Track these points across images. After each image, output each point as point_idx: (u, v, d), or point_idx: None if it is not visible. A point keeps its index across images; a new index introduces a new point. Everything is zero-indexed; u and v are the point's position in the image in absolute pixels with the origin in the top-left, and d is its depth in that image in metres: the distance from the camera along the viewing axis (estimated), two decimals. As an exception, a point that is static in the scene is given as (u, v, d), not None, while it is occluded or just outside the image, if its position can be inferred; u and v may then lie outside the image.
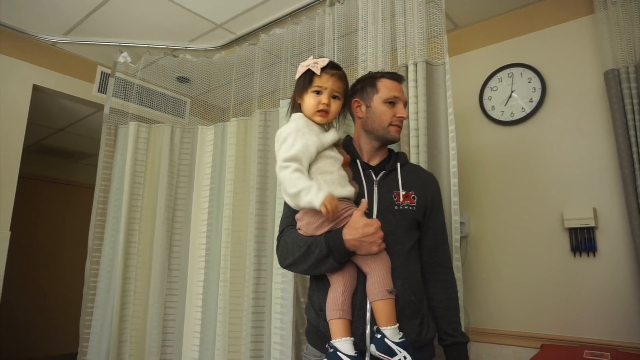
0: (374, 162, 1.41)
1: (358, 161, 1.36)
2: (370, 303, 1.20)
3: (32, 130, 3.89)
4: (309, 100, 1.25)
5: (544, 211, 2.16)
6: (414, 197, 1.32)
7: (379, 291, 1.17)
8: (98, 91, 3.01)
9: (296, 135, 1.21)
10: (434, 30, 1.83)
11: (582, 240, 2.02)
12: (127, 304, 2.31)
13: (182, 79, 3.09)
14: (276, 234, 2.03)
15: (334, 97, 1.27)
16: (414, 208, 1.31)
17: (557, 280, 2.08)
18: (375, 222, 1.19)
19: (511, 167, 2.30)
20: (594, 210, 2.01)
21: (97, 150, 2.54)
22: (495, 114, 2.39)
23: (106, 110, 2.60)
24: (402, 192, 1.31)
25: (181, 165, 2.47)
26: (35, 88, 2.77)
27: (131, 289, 2.33)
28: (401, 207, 1.30)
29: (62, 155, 4.83)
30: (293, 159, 1.18)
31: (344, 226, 1.19)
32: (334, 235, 1.19)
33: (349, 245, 1.17)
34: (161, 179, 2.42)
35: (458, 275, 1.56)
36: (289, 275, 1.90)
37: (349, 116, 1.50)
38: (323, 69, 1.25)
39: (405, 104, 1.44)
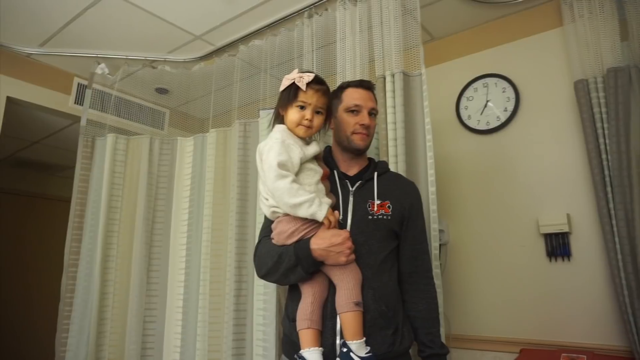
0: (351, 172, 1.40)
1: (335, 172, 1.37)
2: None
3: (6, 142, 3.79)
4: (293, 114, 1.26)
5: (520, 217, 2.21)
6: (389, 207, 1.31)
7: (346, 303, 1.17)
8: (75, 103, 2.97)
9: (282, 146, 1.22)
10: (410, 41, 1.87)
11: (557, 246, 2.07)
12: (104, 320, 2.25)
13: (161, 90, 3.07)
14: (257, 245, 2.03)
15: (317, 112, 1.28)
16: (389, 217, 1.30)
17: (534, 285, 2.12)
18: (343, 233, 1.20)
19: (488, 174, 2.35)
20: (568, 216, 2.07)
21: (74, 162, 2.50)
22: (471, 123, 2.44)
23: (83, 122, 2.56)
24: (376, 202, 1.31)
25: (160, 177, 2.44)
26: (10, 100, 2.71)
27: (109, 304, 2.27)
28: (375, 217, 1.29)
29: (37, 168, 4.72)
30: (285, 167, 1.20)
31: (313, 236, 1.21)
32: (302, 244, 1.21)
33: (316, 254, 1.18)
34: (140, 191, 2.38)
35: (438, 282, 1.57)
36: (271, 286, 1.89)
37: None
38: (308, 84, 1.25)
39: (372, 110, 1.39)
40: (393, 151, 1.73)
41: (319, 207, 1.18)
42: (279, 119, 1.32)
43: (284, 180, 1.18)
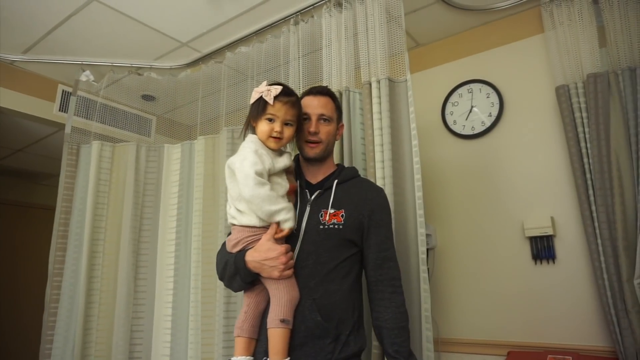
0: (314, 181, 1.39)
1: (298, 181, 1.38)
2: None
3: (-11, 151, 3.75)
4: (262, 127, 1.28)
5: (506, 221, 2.24)
6: (342, 216, 1.28)
7: (273, 319, 1.19)
8: (59, 110, 2.93)
9: (255, 155, 1.23)
10: (395, 48, 1.89)
11: (542, 249, 2.11)
12: (90, 330, 2.22)
13: (148, 97, 3.06)
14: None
15: (287, 124, 1.29)
16: (341, 227, 1.27)
17: (520, 288, 2.14)
18: (279, 248, 1.19)
19: (474, 179, 2.38)
20: (552, 219, 2.10)
21: (58, 170, 2.47)
22: (457, 128, 2.47)
23: (67, 130, 2.53)
24: (329, 211, 1.29)
25: (147, 185, 2.43)
26: (-8, 108, 2.67)
27: (95, 314, 2.24)
28: (326, 227, 1.27)
29: (21, 176, 4.64)
30: (262, 175, 1.21)
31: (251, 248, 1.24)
32: (241, 255, 1.24)
33: (250, 266, 1.21)
34: (126, 199, 2.36)
35: (425, 287, 1.59)
36: (259, 292, 1.88)
37: None
38: (276, 97, 1.26)
39: (321, 116, 1.36)
40: (379, 157, 1.74)
41: (292, 219, 1.24)
42: (250, 129, 1.33)
43: (263, 187, 1.20)
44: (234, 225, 1.29)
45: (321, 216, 1.29)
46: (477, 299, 2.25)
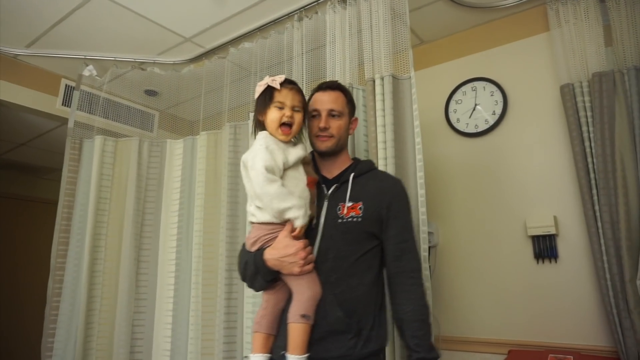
0: (330, 175, 1.39)
1: None
2: None
3: (-8, 144, 3.75)
4: (273, 115, 1.27)
5: (508, 220, 2.24)
6: (360, 208, 1.28)
7: (293, 314, 1.19)
8: (62, 104, 2.93)
9: (266, 151, 1.22)
10: (399, 45, 1.88)
11: (545, 248, 2.10)
12: (92, 324, 2.23)
13: (151, 92, 3.05)
14: (247, 247, 2.03)
15: (295, 110, 1.29)
16: (360, 220, 1.26)
17: (522, 286, 2.14)
18: (297, 244, 1.19)
19: (476, 177, 2.37)
20: (555, 218, 2.10)
21: (61, 165, 2.47)
22: (460, 126, 2.47)
23: (70, 124, 2.54)
24: (347, 205, 1.28)
25: (149, 179, 2.43)
26: (-5, 101, 2.68)
27: (97, 308, 2.25)
28: (345, 220, 1.27)
29: (23, 170, 4.65)
30: (273, 171, 1.21)
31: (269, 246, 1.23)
32: (260, 254, 1.23)
33: (270, 264, 1.21)
34: (128, 194, 2.37)
35: (427, 284, 1.58)
36: (260, 289, 1.88)
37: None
38: (282, 84, 1.28)
39: (331, 112, 1.36)
40: (382, 154, 1.74)
41: (303, 215, 1.20)
42: (259, 126, 1.33)
43: (273, 184, 1.19)
44: (253, 223, 1.28)
45: (339, 210, 1.28)
46: (479, 297, 2.25)
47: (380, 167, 1.73)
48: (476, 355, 2.18)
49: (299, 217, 1.20)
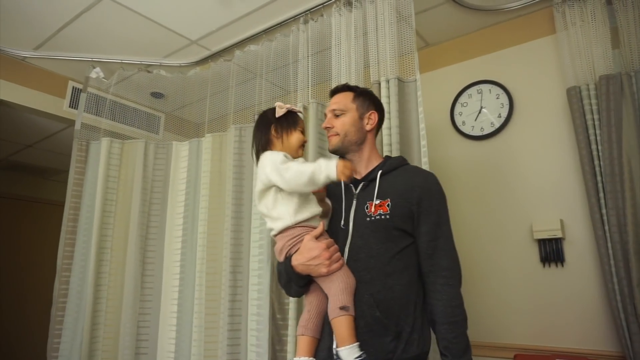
0: (359, 175, 1.38)
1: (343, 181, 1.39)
2: None
3: (0, 146, 3.78)
4: (297, 136, 1.36)
5: (514, 223, 2.22)
6: (388, 205, 1.25)
7: (332, 310, 1.18)
8: (69, 107, 2.96)
9: (280, 153, 1.29)
10: (405, 47, 1.88)
11: (551, 251, 2.09)
12: (98, 325, 2.24)
13: (157, 95, 3.07)
14: (252, 250, 2.04)
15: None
16: (388, 216, 1.24)
17: (528, 290, 2.13)
18: (320, 245, 1.20)
19: (482, 180, 2.36)
20: (561, 221, 2.08)
21: (68, 166, 2.49)
22: (465, 129, 2.46)
23: (77, 126, 2.55)
24: (375, 202, 1.27)
25: (155, 182, 2.44)
26: (3, 103, 2.70)
27: (102, 309, 2.26)
28: (373, 218, 1.25)
29: (30, 171, 4.69)
30: (288, 160, 1.27)
31: (297, 251, 1.24)
32: (287, 261, 1.26)
33: (298, 270, 1.22)
34: (134, 196, 2.38)
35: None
36: (265, 291, 1.89)
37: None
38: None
39: (334, 112, 1.40)
40: (388, 156, 1.73)
41: (327, 168, 1.21)
42: (269, 144, 1.36)
43: (289, 170, 1.22)
44: (276, 236, 1.31)
45: (367, 208, 1.28)
46: (484, 300, 2.24)
47: (386, 170, 1.72)
48: (481, 359, 2.16)
49: (328, 175, 1.20)
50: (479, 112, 2.43)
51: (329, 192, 1.40)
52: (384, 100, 1.81)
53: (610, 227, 1.83)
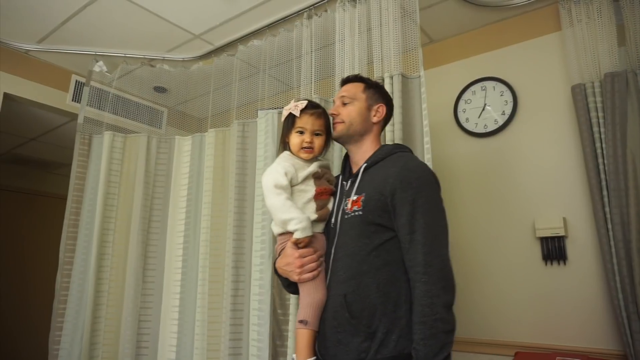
0: (355, 169, 1.39)
1: (341, 177, 1.42)
2: None
3: (3, 139, 3.79)
4: (294, 140, 1.38)
5: (517, 221, 2.22)
6: (362, 200, 1.21)
7: (296, 321, 1.26)
8: (72, 100, 2.96)
9: (277, 171, 1.33)
10: (409, 43, 1.87)
11: (553, 249, 2.08)
12: (99, 318, 2.24)
13: (160, 89, 3.07)
14: (254, 245, 2.04)
15: (316, 134, 1.39)
16: (361, 212, 1.20)
17: (530, 288, 2.12)
18: (294, 253, 1.25)
19: (485, 177, 2.36)
20: (564, 219, 2.08)
21: (70, 160, 2.49)
22: (469, 126, 2.45)
23: (80, 120, 2.55)
24: (352, 198, 1.25)
25: (157, 176, 2.44)
26: (7, 97, 2.70)
27: (104, 302, 2.27)
28: (349, 215, 1.24)
29: (33, 165, 4.70)
30: (281, 187, 1.30)
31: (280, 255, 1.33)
32: (274, 263, 1.36)
33: (280, 272, 1.31)
34: (136, 190, 2.38)
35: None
36: (266, 287, 1.89)
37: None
38: (302, 111, 1.37)
39: (341, 100, 1.43)
40: (391, 153, 1.73)
41: (303, 229, 1.25)
42: (285, 146, 1.43)
43: (278, 197, 1.28)
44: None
45: (346, 206, 1.27)
46: (486, 298, 2.24)
47: (389, 166, 1.72)
48: (483, 356, 2.16)
49: (297, 229, 1.25)
50: (483, 109, 2.42)
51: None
52: (387, 96, 1.80)
53: (613, 226, 1.82)
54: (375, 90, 1.42)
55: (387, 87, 1.81)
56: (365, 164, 1.31)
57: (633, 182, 1.79)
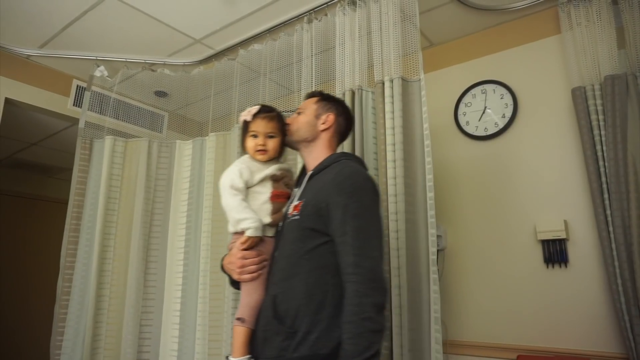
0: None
1: (296, 183, 1.47)
2: None
3: (4, 144, 3.79)
4: (249, 143, 1.44)
5: (518, 224, 2.22)
6: (302, 205, 1.26)
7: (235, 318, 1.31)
8: (73, 105, 2.96)
9: (234, 173, 1.38)
10: (409, 47, 1.88)
11: (555, 252, 2.08)
12: (100, 322, 2.25)
13: (160, 93, 3.08)
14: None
15: (270, 136, 1.42)
16: (298, 217, 1.25)
17: (532, 291, 2.12)
18: (237, 253, 1.31)
19: (486, 180, 2.36)
20: (565, 222, 2.07)
21: (72, 164, 2.49)
22: (469, 129, 2.45)
23: (81, 124, 2.56)
24: (293, 204, 1.31)
25: (158, 180, 2.44)
26: (8, 101, 2.70)
27: (105, 307, 2.27)
28: (289, 219, 1.29)
29: (34, 169, 4.70)
30: (236, 188, 1.36)
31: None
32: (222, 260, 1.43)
33: (225, 269, 1.38)
34: (137, 194, 2.38)
35: (435, 288, 1.58)
36: (268, 290, 1.89)
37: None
38: (255, 115, 1.42)
39: (297, 111, 1.49)
40: (391, 156, 1.73)
41: (255, 228, 1.31)
42: (243, 149, 1.48)
43: (233, 198, 1.34)
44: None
45: (289, 210, 1.32)
46: (487, 301, 2.23)
47: (389, 170, 1.72)
48: (484, 360, 2.16)
49: (249, 228, 1.30)
50: (483, 112, 2.42)
51: None
52: (387, 100, 1.80)
53: (614, 228, 1.82)
54: (328, 102, 1.48)
55: (387, 91, 1.81)
56: (312, 172, 1.37)
57: (634, 185, 1.78)
